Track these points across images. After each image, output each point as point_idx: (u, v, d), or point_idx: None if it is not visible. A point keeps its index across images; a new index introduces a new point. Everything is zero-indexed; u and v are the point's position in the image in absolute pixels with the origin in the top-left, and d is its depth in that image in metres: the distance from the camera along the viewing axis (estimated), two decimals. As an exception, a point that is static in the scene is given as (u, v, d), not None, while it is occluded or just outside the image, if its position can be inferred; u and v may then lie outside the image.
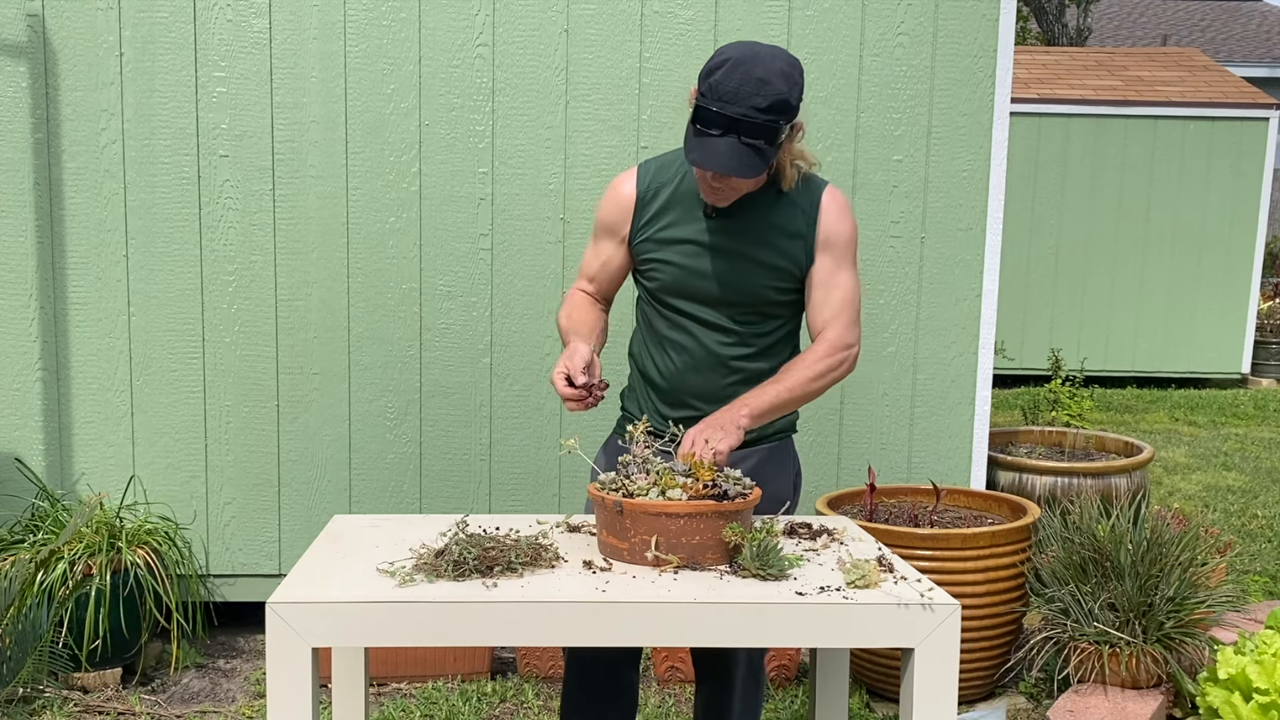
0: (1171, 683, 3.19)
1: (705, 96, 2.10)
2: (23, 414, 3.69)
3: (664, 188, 2.32)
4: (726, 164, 2.09)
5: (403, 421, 3.79)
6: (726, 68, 2.08)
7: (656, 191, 2.32)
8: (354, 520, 2.25)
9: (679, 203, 2.30)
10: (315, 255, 3.72)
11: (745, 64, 2.07)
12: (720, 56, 2.11)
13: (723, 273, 2.28)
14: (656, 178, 2.33)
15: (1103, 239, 9.08)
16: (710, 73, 2.10)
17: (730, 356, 2.32)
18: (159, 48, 3.61)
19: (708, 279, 2.29)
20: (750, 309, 2.31)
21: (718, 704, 2.49)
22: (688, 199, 2.29)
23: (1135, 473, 4.37)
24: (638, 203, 2.33)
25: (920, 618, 1.77)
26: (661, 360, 2.37)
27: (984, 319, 3.89)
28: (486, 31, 3.68)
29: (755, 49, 2.11)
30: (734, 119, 2.07)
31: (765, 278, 2.28)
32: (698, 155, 2.11)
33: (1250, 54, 16.27)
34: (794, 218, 2.27)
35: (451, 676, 3.58)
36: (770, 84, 2.07)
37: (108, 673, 3.46)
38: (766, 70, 2.07)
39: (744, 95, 2.06)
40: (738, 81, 2.06)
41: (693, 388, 2.34)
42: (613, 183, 2.39)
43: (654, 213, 2.32)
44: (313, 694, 1.75)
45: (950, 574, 3.26)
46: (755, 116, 2.07)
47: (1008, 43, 3.78)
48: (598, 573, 1.90)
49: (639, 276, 2.41)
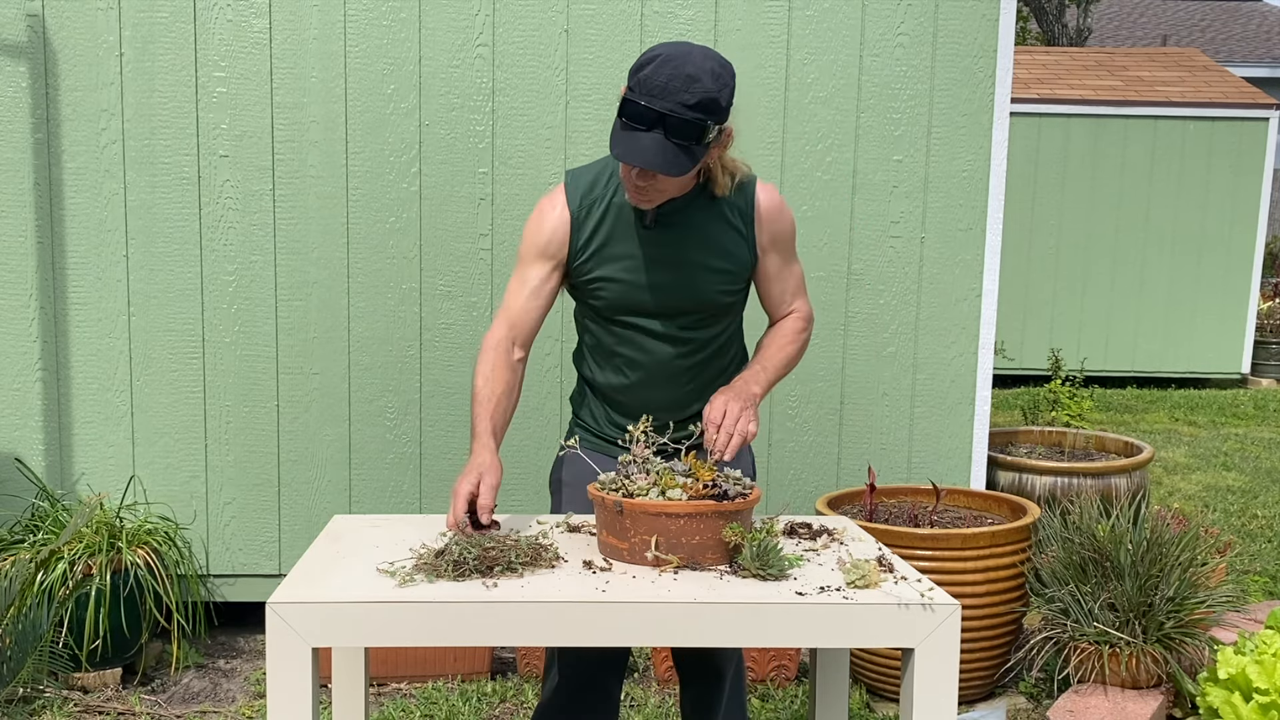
0: (1171, 683, 3.19)
1: (633, 91, 2.05)
2: (23, 414, 3.69)
3: (596, 204, 2.25)
4: (651, 159, 2.03)
5: (403, 421, 3.79)
6: (656, 63, 2.03)
7: (590, 209, 2.24)
8: (354, 520, 2.25)
9: (615, 217, 2.24)
10: (315, 255, 3.72)
11: (676, 60, 2.03)
12: (651, 53, 2.06)
13: (669, 283, 2.24)
14: (588, 195, 2.25)
15: (1103, 239, 9.08)
16: (640, 68, 2.05)
17: (685, 366, 2.30)
18: (159, 48, 3.61)
19: (655, 291, 2.24)
20: (699, 315, 2.28)
21: (707, 704, 2.47)
22: (623, 212, 2.23)
23: (1135, 473, 4.37)
24: (573, 223, 2.25)
25: (920, 618, 1.77)
26: (614, 375, 2.33)
27: (984, 319, 3.89)
28: (486, 31, 3.68)
29: (688, 48, 2.07)
30: (660, 114, 2.02)
31: (712, 282, 2.26)
32: (622, 150, 2.05)
33: (1250, 54, 16.27)
34: (732, 218, 2.25)
35: (451, 676, 3.58)
36: (700, 81, 2.02)
37: (108, 673, 3.46)
38: (697, 68, 2.03)
39: (672, 91, 2.02)
40: (666, 77, 2.02)
41: (651, 401, 2.32)
42: (540, 205, 2.29)
43: (591, 231, 2.25)
44: (313, 694, 1.75)
45: (950, 574, 3.26)
46: (683, 113, 2.02)
47: (1008, 43, 3.78)
48: (598, 573, 1.90)
49: (581, 296, 2.33)
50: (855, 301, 3.86)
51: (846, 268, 3.84)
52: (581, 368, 2.42)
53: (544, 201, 2.29)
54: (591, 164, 2.32)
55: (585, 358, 2.40)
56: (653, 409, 2.29)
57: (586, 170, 2.30)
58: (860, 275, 3.84)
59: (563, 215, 2.25)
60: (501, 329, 2.28)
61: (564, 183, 2.29)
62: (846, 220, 3.82)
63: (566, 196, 2.26)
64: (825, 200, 3.81)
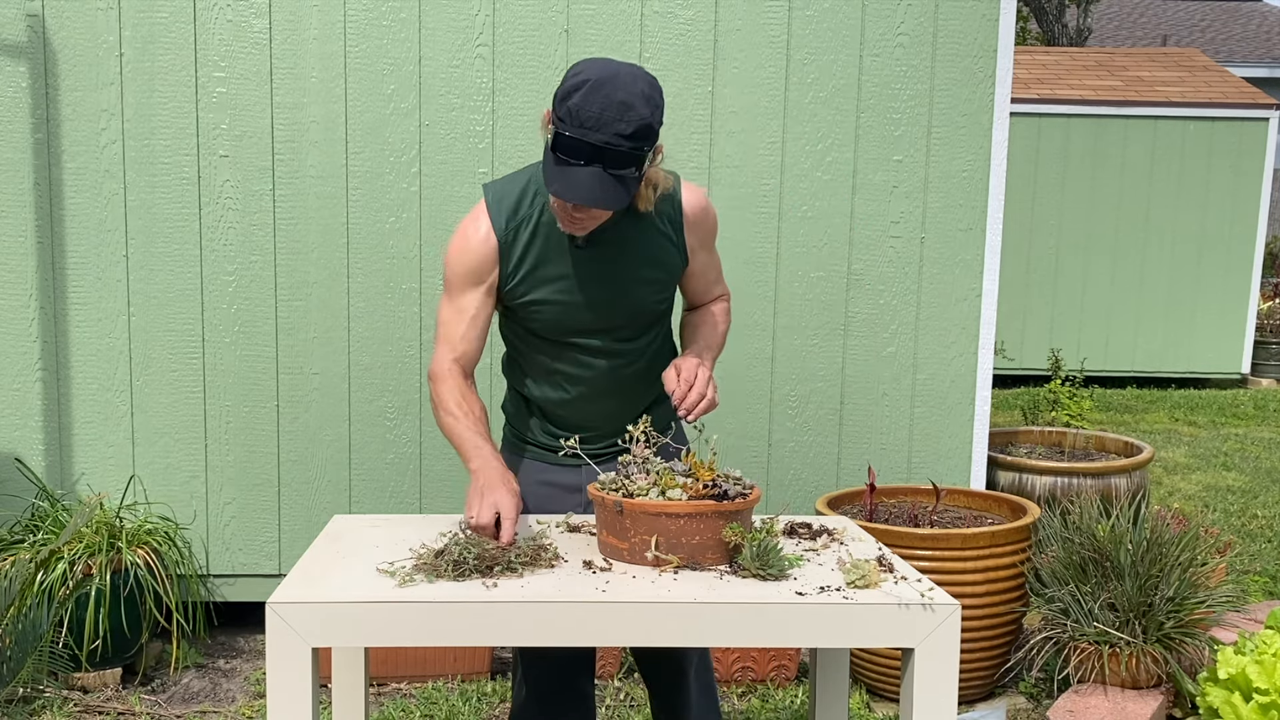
0: (1171, 683, 3.19)
1: (564, 122, 1.95)
2: (23, 414, 3.69)
3: (523, 225, 2.16)
4: (591, 195, 1.96)
5: (403, 421, 3.79)
6: (585, 91, 1.94)
7: (516, 231, 2.16)
8: (354, 520, 2.25)
9: (544, 238, 2.17)
10: (315, 255, 3.72)
11: (605, 86, 1.94)
12: (577, 77, 1.96)
13: (605, 301, 2.20)
14: (512, 217, 2.16)
15: (1103, 239, 9.08)
16: (567, 95, 1.95)
17: (624, 375, 2.28)
18: (159, 48, 3.61)
19: (590, 309, 2.20)
20: (634, 327, 2.26)
21: (674, 705, 2.46)
22: (552, 231, 2.16)
23: (1135, 473, 4.37)
24: (500, 248, 2.16)
25: (920, 618, 1.77)
26: (553, 391, 2.30)
27: (984, 319, 3.89)
28: (486, 31, 3.68)
29: (614, 69, 1.97)
30: (597, 147, 1.93)
31: (646, 293, 2.23)
32: (560, 187, 1.97)
33: (1250, 54, 16.27)
34: (661, 225, 2.21)
35: (451, 676, 3.58)
36: (633, 108, 1.94)
37: (108, 673, 3.46)
38: (628, 93, 1.94)
39: (606, 121, 1.93)
40: (599, 106, 1.93)
41: (591, 414, 2.30)
42: (462, 230, 2.18)
43: (520, 254, 2.17)
44: (313, 694, 1.75)
45: (950, 574, 3.26)
46: (619, 144, 1.94)
47: (1008, 43, 3.78)
48: (598, 573, 1.90)
49: (514, 318, 2.26)
50: (855, 302, 3.86)
51: (846, 268, 3.83)
52: (514, 381, 2.37)
53: (466, 225, 2.19)
54: (511, 177, 2.23)
55: (519, 372, 2.35)
56: (593, 420, 2.30)
57: (508, 186, 2.20)
58: (860, 275, 3.84)
59: (489, 240, 2.16)
60: (446, 358, 2.20)
61: (485, 201, 2.19)
62: (846, 220, 3.82)
63: (491, 219, 2.17)
64: (825, 200, 3.81)
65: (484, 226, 2.17)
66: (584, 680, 2.42)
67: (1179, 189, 9.02)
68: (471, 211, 2.21)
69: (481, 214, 2.18)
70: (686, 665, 2.43)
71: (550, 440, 2.33)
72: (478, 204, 2.21)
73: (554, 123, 1.98)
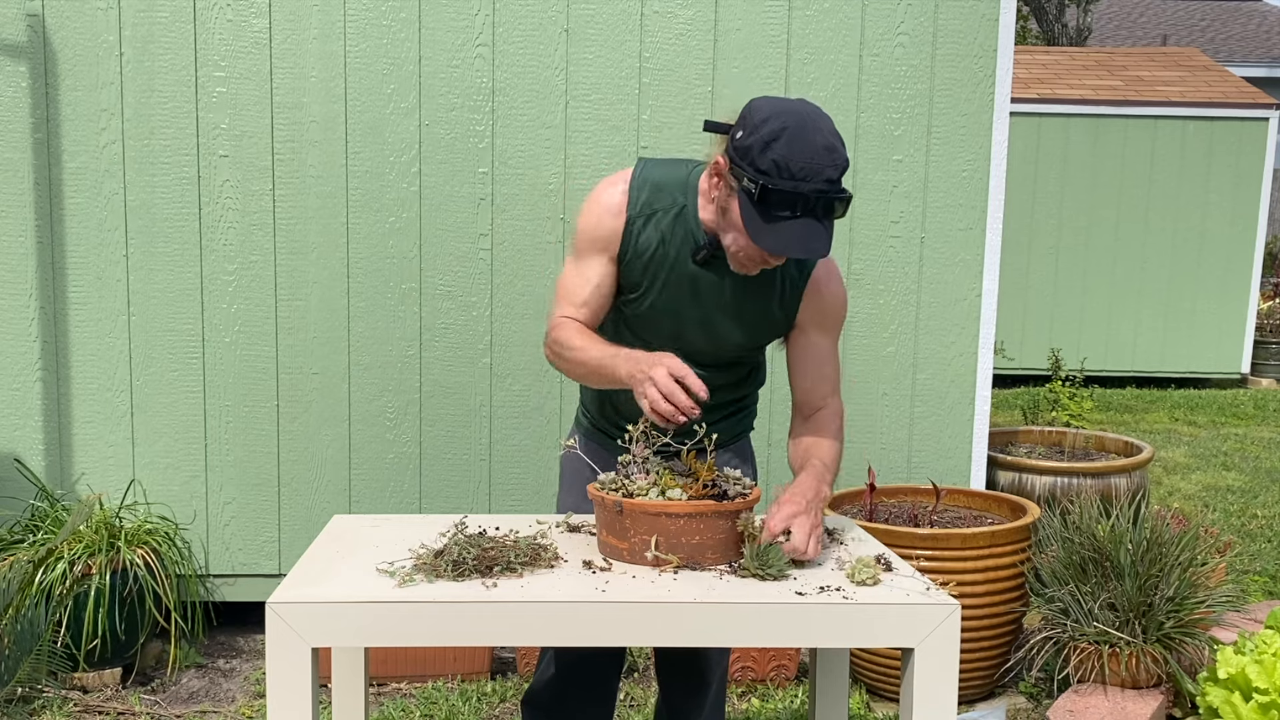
0: (1171, 683, 3.19)
1: (770, 175, 1.87)
2: (23, 414, 3.69)
3: (656, 216, 2.11)
4: (805, 246, 1.90)
5: (403, 421, 3.79)
6: (786, 140, 1.86)
7: (649, 218, 2.11)
8: (354, 520, 2.25)
9: (669, 236, 2.11)
10: (315, 255, 3.72)
11: (807, 131, 1.87)
12: (769, 125, 1.88)
13: (694, 324, 2.15)
14: (650, 202, 2.11)
15: (1102, 239, 9.08)
16: (767, 146, 1.87)
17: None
18: (159, 48, 3.61)
19: (677, 324, 2.15)
20: (715, 358, 2.19)
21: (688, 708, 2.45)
22: (679, 234, 2.10)
23: (1135, 473, 4.37)
24: (628, 224, 2.11)
25: (920, 618, 1.77)
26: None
27: (984, 319, 3.89)
28: (486, 31, 3.68)
29: (801, 110, 1.91)
30: (808, 196, 1.86)
31: (734, 334, 2.17)
32: (772, 242, 1.90)
33: (1250, 54, 16.27)
34: (781, 285, 2.14)
35: (451, 676, 3.58)
36: (837, 151, 1.89)
37: (107, 673, 3.46)
38: (827, 136, 1.89)
39: (816, 169, 1.86)
40: (807, 155, 1.86)
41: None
42: (598, 196, 2.13)
43: (639, 243, 2.11)
44: (313, 694, 1.75)
45: (950, 574, 3.25)
46: (831, 191, 1.88)
47: (1008, 43, 3.78)
48: (597, 573, 1.90)
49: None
50: (855, 301, 3.85)
51: (846, 268, 3.83)
52: None
53: (603, 191, 2.14)
54: (668, 164, 2.17)
55: None
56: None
57: (660, 172, 2.14)
58: (860, 275, 3.84)
59: (619, 215, 2.11)
60: (567, 310, 2.14)
61: (632, 174, 2.14)
62: (846, 220, 3.81)
63: (629, 195, 2.11)
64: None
65: (621, 198, 2.12)
66: (612, 675, 2.40)
67: (1179, 188, 9.02)
68: (614, 176, 2.16)
69: (620, 186, 2.13)
70: (710, 679, 2.42)
71: (610, 426, 2.31)
72: (623, 171, 2.17)
73: (756, 175, 1.89)
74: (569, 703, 2.38)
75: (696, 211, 2.11)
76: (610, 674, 2.41)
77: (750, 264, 2.03)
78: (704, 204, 2.10)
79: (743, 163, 1.91)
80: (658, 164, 2.18)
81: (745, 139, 1.91)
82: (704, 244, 2.10)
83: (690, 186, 2.13)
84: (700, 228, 2.11)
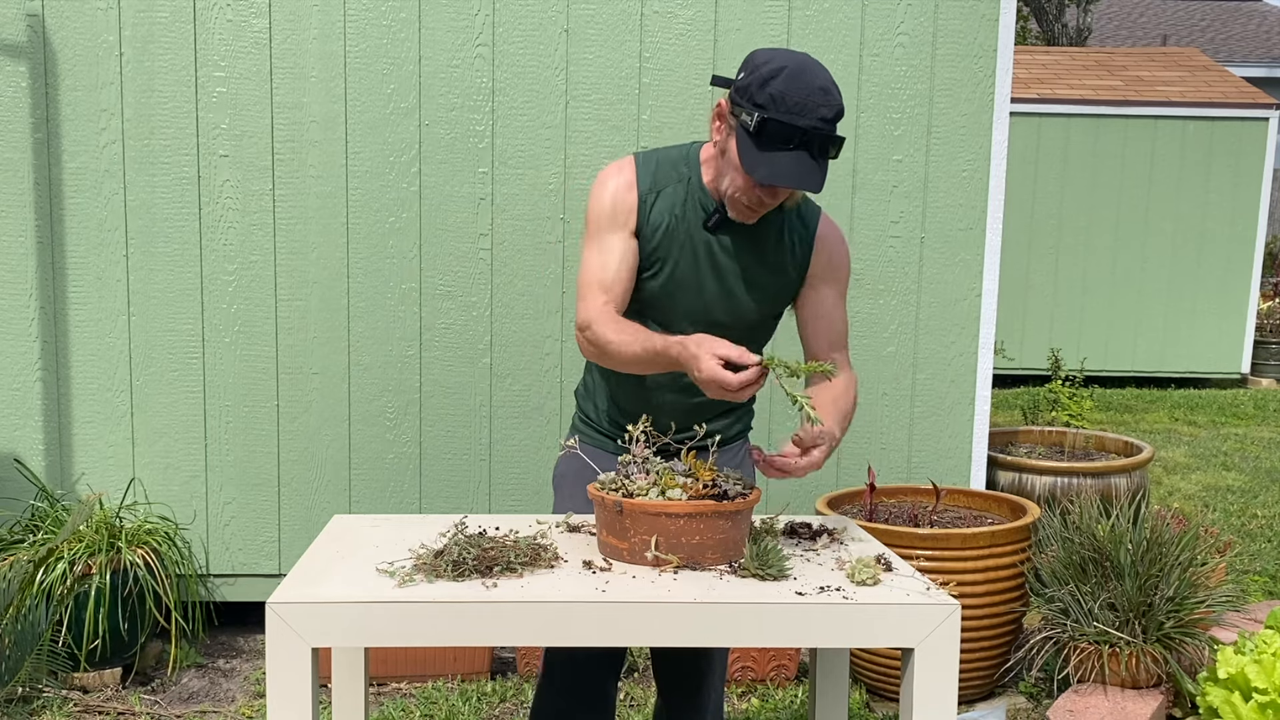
0: (1171, 682, 3.19)
1: (767, 108, 1.97)
2: (23, 414, 3.69)
3: (664, 190, 2.17)
4: (797, 179, 1.98)
5: (403, 421, 3.79)
6: (785, 77, 1.97)
7: (659, 194, 2.16)
8: (354, 520, 2.25)
9: (679, 208, 2.16)
10: (315, 255, 3.72)
11: (805, 73, 1.98)
12: (768, 65, 1.99)
13: (714, 294, 2.19)
14: (658, 179, 2.17)
15: (1102, 239, 9.08)
16: (766, 82, 1.97)
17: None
18: (159, 48, 3.61)
19: (697, 296, 2.18)
20: (735, 329, 2.19)
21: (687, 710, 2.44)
22: (689, 205, 2.16)
23: (1135, 473, 4.37)
24: (641, 200, 2.16)
25: (920, 618, 1.77)
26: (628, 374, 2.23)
27: (984, 319, 3.89)
28: (486, 31, 3.68)
29: (799, 57, 2.01)
30: (804, 130, 1.96)
31: (754, 296, 2.21)
32: (766, 171, 1.99)
33: (1250, 54, 16.27)
34: (789, 238, 2.20)
35: (451, 676, 3.58)
36: (831, 93, 1.99)
37: (107, 673, 3.46)
38: (824, 79, 1.99)
39: (811, 106, 1.97)
40: (803, 91, 1.96)
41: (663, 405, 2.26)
42: (607, 179, 2.18)
43: (654, 217, 2.16)
44: (313, 694, 1.75)
45: (950, 574, 3.25)
46: (824, 127, 1.98)
47: (1008, 43, 3.78)
48: (597, 573, 1.90)
49: None
50: (855, 301, 3.85)
51: (846, 268, 3.83)
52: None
53: (609, 173, 2.18)
54: (662, 149, 2.24)
55: None
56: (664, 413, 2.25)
57: (658, 153, 2.22)
58: (860, 275, 3.84)
59: (631, 190, 2.16)
60: (597, 301, 2.13)
61: (634, 158, 2.20)
62: (846, 220, 3.81)
63: (637, 173, 2.17)
64: (825, 200, 3.79)
65: (630, 175, 2.17)
66: (609, 680, 2.40)
67: (1179, 188, 9.02)
68: (615, 163, 2.21)
69: (627, 166, 2.19)
70: (708, 682, 2.42)
71: (612, 428, 2.32)
72: (624, 158, 2.22)
73: (753, 109, 1.98)
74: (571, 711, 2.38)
75: (702, 181, 2.18)
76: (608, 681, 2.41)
77: (749, 209, 2.10)
78: (707, 172, 2.17)
79: (742, 100, 2.01)
80: (652, 150, 2.26)
81: (745, 79, 2.01)
82: (714, 209, 2.16)
83: (692, 159, 2.20)
84: (708, 195, 2.17)
